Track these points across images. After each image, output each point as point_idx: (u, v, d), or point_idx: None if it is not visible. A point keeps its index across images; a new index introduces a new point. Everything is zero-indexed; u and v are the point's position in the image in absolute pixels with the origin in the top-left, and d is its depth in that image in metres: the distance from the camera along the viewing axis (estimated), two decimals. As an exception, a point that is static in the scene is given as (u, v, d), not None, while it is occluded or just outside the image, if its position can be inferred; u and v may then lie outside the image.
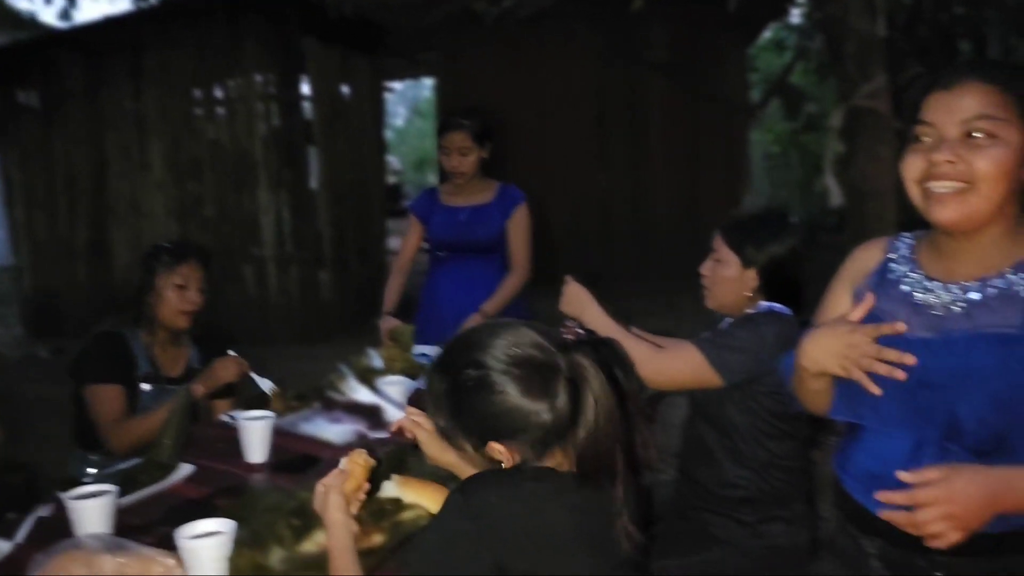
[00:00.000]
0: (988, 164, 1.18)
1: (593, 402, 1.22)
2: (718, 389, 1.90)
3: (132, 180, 6.96)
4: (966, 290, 1.24)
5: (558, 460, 1.26)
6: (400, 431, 1.63)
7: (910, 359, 1.20)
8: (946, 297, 1.26)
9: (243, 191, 6.73)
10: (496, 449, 1.24)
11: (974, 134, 1.20)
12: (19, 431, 2.61)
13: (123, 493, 1.71)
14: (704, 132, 8.34)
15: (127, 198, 6.99)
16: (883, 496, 1.17)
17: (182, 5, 6.76)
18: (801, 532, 1.97)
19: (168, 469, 1.88)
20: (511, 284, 3.03)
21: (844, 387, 1.32)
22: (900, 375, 1.21)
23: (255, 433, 2.01)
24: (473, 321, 2.87)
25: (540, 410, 1.21)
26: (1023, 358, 1.16)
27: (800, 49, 9.37)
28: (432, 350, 2.74)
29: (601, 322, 1.91)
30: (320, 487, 1.40)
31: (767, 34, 11.28)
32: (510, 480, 1.23)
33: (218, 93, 6.85)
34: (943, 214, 1.22)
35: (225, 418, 2.31)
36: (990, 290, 1.23)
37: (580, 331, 1.79)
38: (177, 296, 2.38)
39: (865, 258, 1.42)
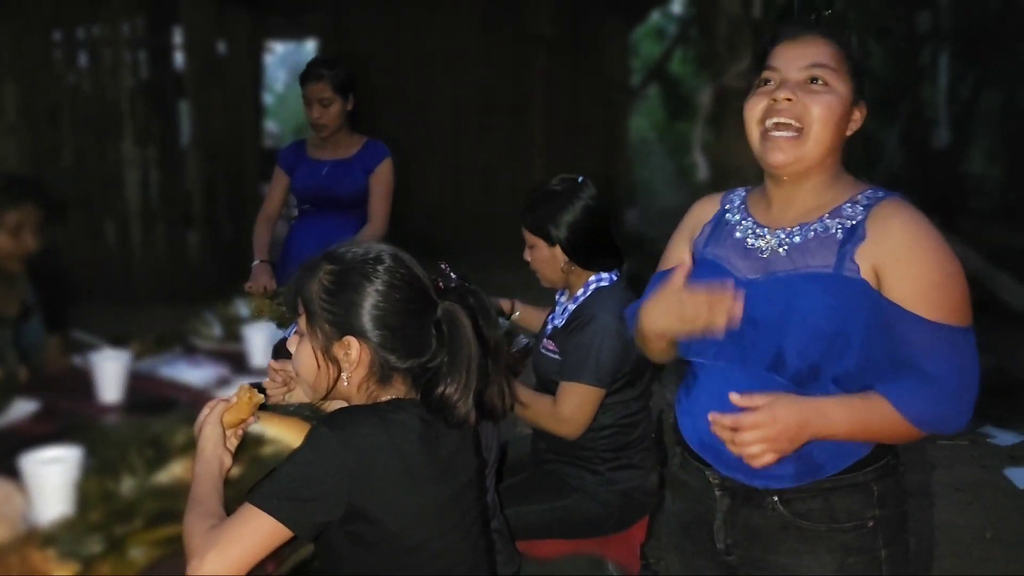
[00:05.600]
0: (821, 109, 1.29)
1: (465, 350, 1.28)
2: (559, 359, 2.02)
3: (-20, 123, 6.47)
4: (790, 234, 1.34)
5: (399, 389, 1.30)
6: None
7: (739, 301, 1.29)
8: (773, 241, 1.35)
9: (107, 142, 6.37)
10: (350, 344, 1.25)
11: (813, 80, 1.30)
12: None
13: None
14: (584, 110, 8.50)
15: (-26, 142, 6.49)
16: (712, 417, 1.26)
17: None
18: (650, 475, 2.08)
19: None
20: (364, 236, 2.96)
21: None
22: (737, 314, 1.29)
23: (108, 371, 1.94)
24: None
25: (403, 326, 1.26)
26: (837, 294, 1.27)
27: (679, 37, 9.68)
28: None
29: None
30: (206, 409, 1.37)
31: (651, 20, 11.58)
32: (374, 414, 1.25)
33: (81, 36, 6.44)
34: (777, 157, 1.31)
35: (77, 359, 2.22)
36: (810, 234, 1.33)
37: (453, 275, 1.83)
38: (10, 241, 2.19)
39: (702, 211, 1.51)
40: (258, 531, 1.15)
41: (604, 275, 2.07)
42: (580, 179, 2.07)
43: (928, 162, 8.69)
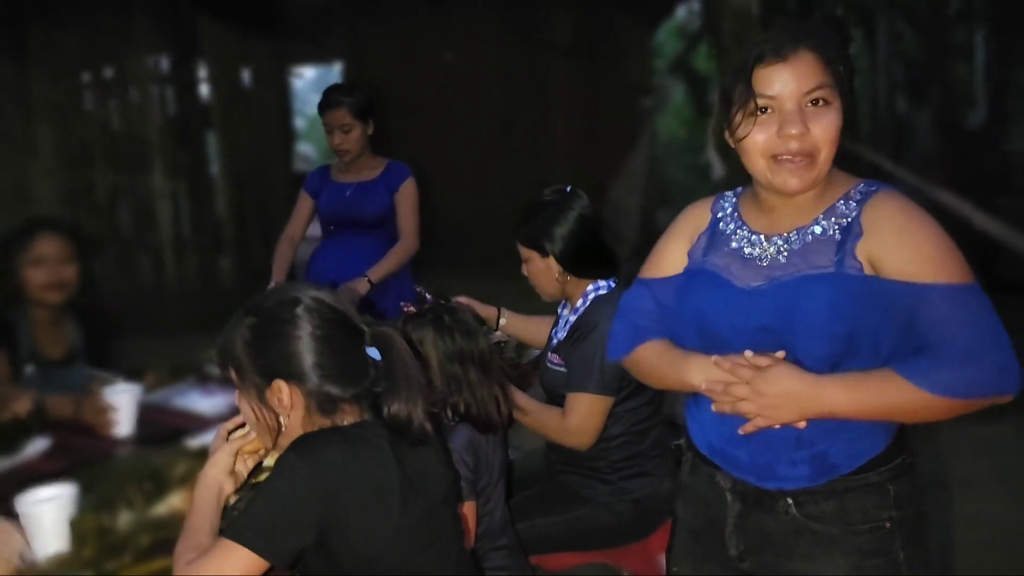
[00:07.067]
0: (825, 130, 1.27)
1: (402, 368, 1.30)
2: (564, 371, 2.00)
3: (18, 165, 6.65)
4: (787, 240, 1.33)
5: (350, 416, 1.30)
6: None
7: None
8: (771, 249, 1.33)
9: (138, 176, 6.52)
10: (279, 388, 1.26)
11: (813, 102, 1.27)
12: None
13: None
14: (607, 116, 8.44)
15: (13, 184, 6.68)
16: (714, 358, 1.28)
17: (68, -19, 6.50)
18: (664, 482, 2.05)
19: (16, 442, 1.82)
20: (397, 253, 3.03)
21: (699, 344, 1.38)
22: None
23: (119, 405, 1.97)
24: (357, 285, 2.87)
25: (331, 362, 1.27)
26: (843, 292, 1.25)
27: (698, 33, 9.58)
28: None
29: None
30: (223, 431, 1.40)
31: (676, 17, 11.48)
32: (341, 436, 1.26)
33: (109, 75, 6.61)
34: (792, 184, 1.28)
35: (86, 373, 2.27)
36: (808, 237, 1.31)
37: (428, 296, 1.86)
38: (35, 273, 2.29)
39: (696, 216, 1.49)
40: (235, 564, 1.16)
41: (602, 283, 2.05)
42: (569, 189, 2.06)
43: (964, 142, 8.48)
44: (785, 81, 1.27)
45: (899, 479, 1.31)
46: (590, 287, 2.05)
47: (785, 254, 1.31)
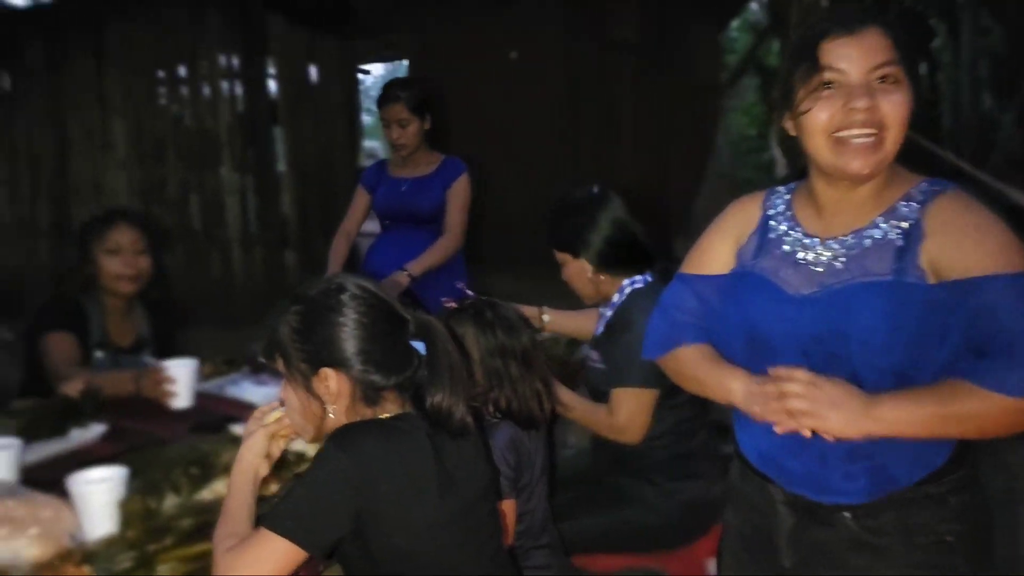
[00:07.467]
0: (895, 108, 1.20)
1: (445, 359, 1.30)
2: (604, 368, 1.97)
3: (95, 160, 6.90)
4: (844, 244, 1.26)
5: (392, 406, 1.30)
6: None
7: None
8: (826, 254, 1.27)
9: (207, 172, 6.69)
10: (327, 376, 1.26)
11: (881, 79, 1.21)
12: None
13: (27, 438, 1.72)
14: (676, 113, 8.32)
15: (89, 178, 6.94)
16: (771, 370, 1.22)
17: (143, -18, 6.71)
18: (713, 486, 2.00)
19: (67, 423, 1.87)
20: (440, 247, 3.02)
21: (746, 351, 1.33)
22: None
23: (178, 376, 2.02)
24: (397, 278, 2.88)
25: (378, 350, 1.27)
26: (901, 301, 1.18)
27: (767, 28, 9.36)
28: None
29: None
30: (258, 413, 1.42)
31: (748, 12, 11.25)
32: (379, 427, 1.27)
33: (182, 72, 6.80)
34: (855, 166, 1.22)
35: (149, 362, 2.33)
36: (866, 241, 1.24)
37: (469, 292, 1.87)
38: (110, 261, 2.36)
39: (746, 214, 1.42)
40: (273, 554, 1.17)
41: (637, 278, 2.03)
42: (597, 189, 2.05)
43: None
44: (853, 56, 1.21)
45: (962, 492, 1.25)
46: (625, 282, 2.03)
47: (843, 259, 1.25)
